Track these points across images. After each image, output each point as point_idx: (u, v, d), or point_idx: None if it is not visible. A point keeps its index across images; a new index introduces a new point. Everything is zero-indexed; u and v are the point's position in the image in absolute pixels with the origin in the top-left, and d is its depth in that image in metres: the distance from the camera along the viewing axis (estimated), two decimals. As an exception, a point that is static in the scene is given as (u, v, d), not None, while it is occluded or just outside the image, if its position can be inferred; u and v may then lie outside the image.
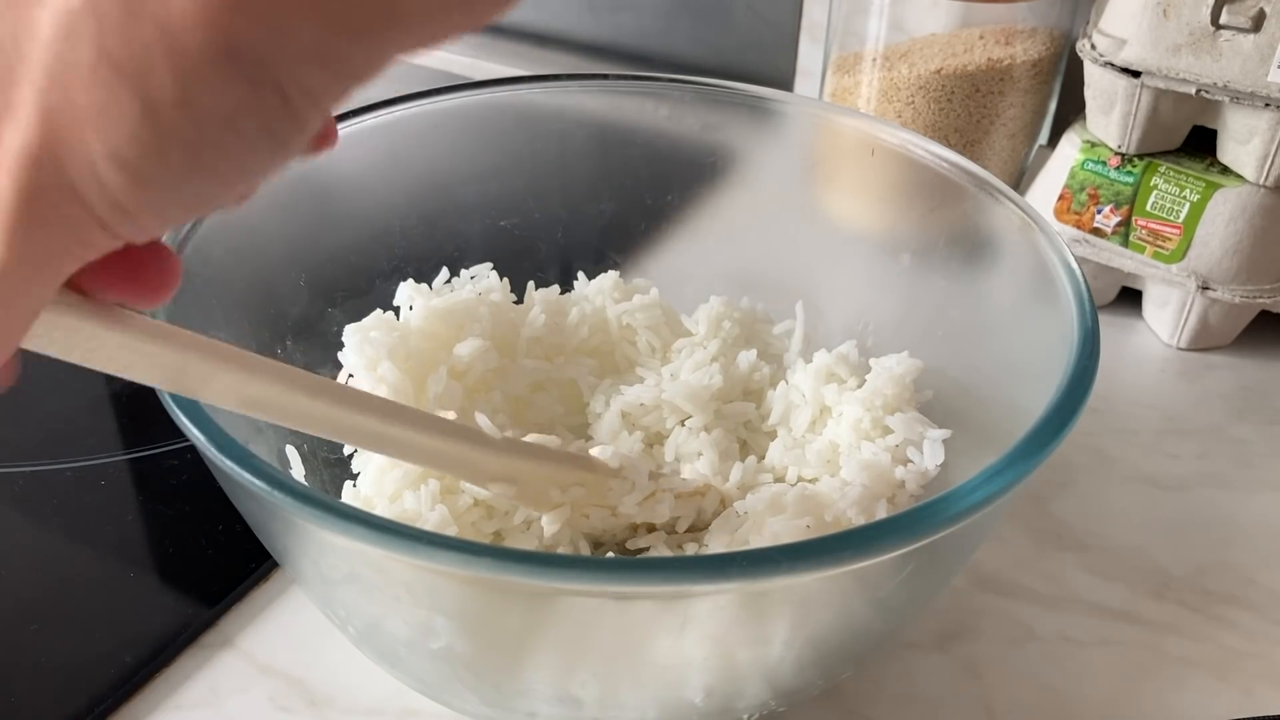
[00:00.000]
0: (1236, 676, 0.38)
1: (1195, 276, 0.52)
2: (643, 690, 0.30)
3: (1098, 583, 0.41)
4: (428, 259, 0.44)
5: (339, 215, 0.44)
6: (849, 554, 0.25)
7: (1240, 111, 0.49)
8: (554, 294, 0.43)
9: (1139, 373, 0.53)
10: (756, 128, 0.46)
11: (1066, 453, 0.44)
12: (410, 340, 0.39)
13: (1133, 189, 0.53)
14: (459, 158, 0.46)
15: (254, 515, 0.30)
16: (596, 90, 0.46)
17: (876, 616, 0.31)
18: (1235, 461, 0.48)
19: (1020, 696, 0.37)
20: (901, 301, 0.43)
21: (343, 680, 0.37)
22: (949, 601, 0.40)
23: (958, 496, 0.26)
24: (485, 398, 0.39)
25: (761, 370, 0.42)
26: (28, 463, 0.45)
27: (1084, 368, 0.30)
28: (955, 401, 0.38)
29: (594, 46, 0.83)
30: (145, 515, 0.43)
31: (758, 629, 0.28)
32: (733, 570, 0.24)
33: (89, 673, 0.36)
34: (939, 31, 0.56)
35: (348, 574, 0.29)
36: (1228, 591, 0.41)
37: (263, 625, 0.39)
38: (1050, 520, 0.44)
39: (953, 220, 0.41)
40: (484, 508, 0.36)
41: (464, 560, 0.24)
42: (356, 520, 0.25)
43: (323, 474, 0.38)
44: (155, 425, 0.46)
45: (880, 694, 0.37)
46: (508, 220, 0.47)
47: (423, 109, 0.44)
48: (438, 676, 0.32)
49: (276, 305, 0.40)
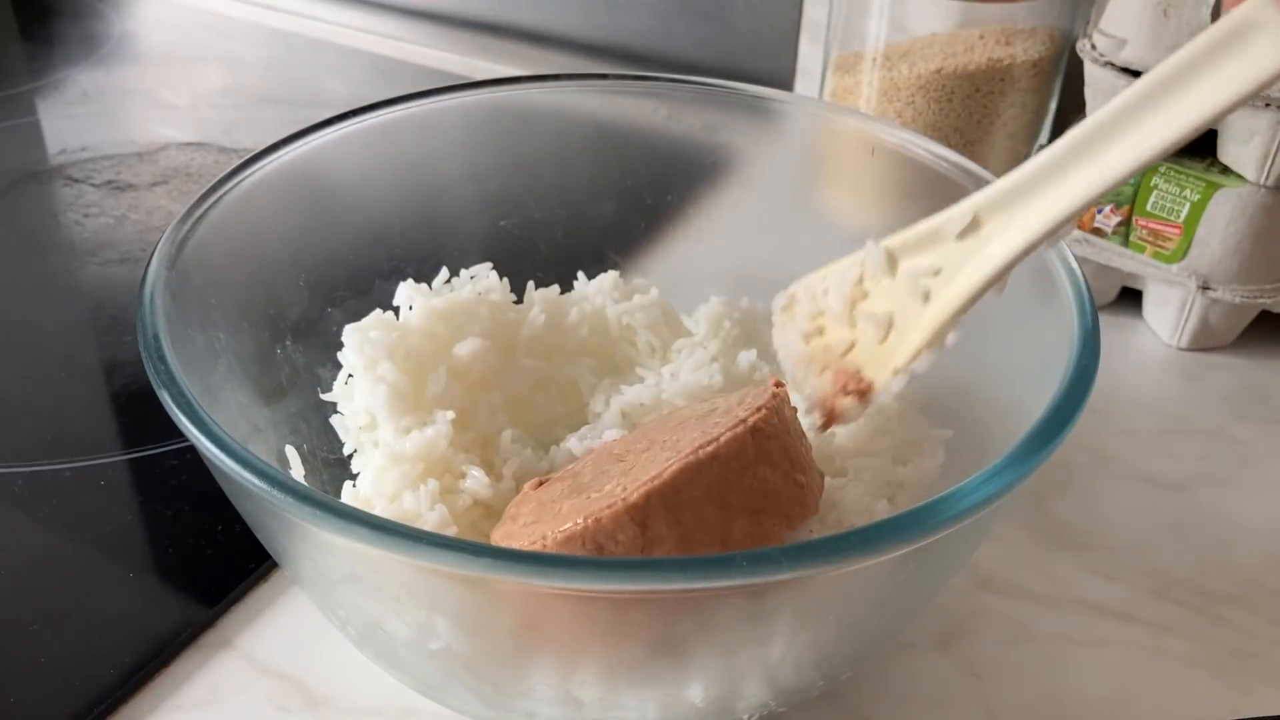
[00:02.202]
0: (1236, 676, 0.38)
1: (1195, 276, 0.52)
2: (643, 690, 0.30)
3: (1098, 583, 0.41)
4: (428, 259, 0.44)
5: (339, 215, 0.44)
6: (849, 554, 0.25)
7: (1240, 111, 0.49)
8: (554, 294, 0.43)
9: (1139, 373, 0.53)
10: (756, 128, 0.46)
11: (1066, 453, 0.44)
12: (410, 340, 0.39)
13: (1133, 189, 0.53)
14: (459, 158, 0.46)
15: (254, 515, 0.30)
16: (596, 90, 0.46)
17: (876, 617, 0.31)
18: (1235, 461, 0.48)
19: (1020, 696, 0.37)
20: (901, 301, 0.43)
21: (343, 680, 0.37)
22: (949, 601, 0.40)
23: (958, 496, 0.26)
24: (485, 398, 0.39)
25: (761, 370, 0.42)
26: (28, 463, 0.45)
27: (1084, 368, 0.30)
28: (955, 401, 0.38)
29: (594, 46, 0.83)
30: (145, 515, 0.43)
31: (758, 629, 0.28)
32: (733, 570, 0.24)
33: (89, 673, 0.36)
34: (939, 31, 0.56)
35: (347, 574, 0.29)
36: (1228, 591, 0.41)
37: (262, 625, 0.39)
38: (1050, 520, 0.44)
39: (953, 220, 0.41)
40: (484, 507, 0.36)
41: (464, 560, 0.24)
42: (356, 520, 0.25)
43: (323, 474, 0.38)
44: (155, 425, 0.46)
45: (880, 694, 0.37)
46: (508, 220, 0.47)
47: (423, 109, 0.44)
48: (437, 676, 0.32)
49: (276, 305, 0.40)
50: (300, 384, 0.40)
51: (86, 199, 0.66)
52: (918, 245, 0.33)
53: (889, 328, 0.33)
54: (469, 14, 0.87)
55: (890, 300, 0.33)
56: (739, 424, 0.30)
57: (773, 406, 0.31)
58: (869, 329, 0.34)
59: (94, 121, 0.76)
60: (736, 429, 0.30)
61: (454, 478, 0.36)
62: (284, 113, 0.78)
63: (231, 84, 0.82)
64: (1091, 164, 0.29)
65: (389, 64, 0.85)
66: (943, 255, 0.32)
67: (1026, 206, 0.31)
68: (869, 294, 0.34)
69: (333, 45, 0.88)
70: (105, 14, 0.93)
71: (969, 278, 0.32)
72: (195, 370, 0.32)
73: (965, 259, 0.32)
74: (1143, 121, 0.28)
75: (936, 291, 0.32)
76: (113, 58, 0.86)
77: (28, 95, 0.79)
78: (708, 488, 0.29)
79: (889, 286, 0.33)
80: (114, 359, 0.52)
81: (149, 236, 0.62)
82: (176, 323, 0.32)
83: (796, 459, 0.32)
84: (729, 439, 0.30)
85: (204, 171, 0.69)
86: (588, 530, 0.29)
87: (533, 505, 0.33)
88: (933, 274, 0.32)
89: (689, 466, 0.29)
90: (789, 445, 0.31)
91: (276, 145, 0.40)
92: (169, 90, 0.81)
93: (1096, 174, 0.29)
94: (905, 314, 0.33)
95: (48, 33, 0.91)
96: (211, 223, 0.36)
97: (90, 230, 0.63)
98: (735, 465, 0.30)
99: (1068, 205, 0.30)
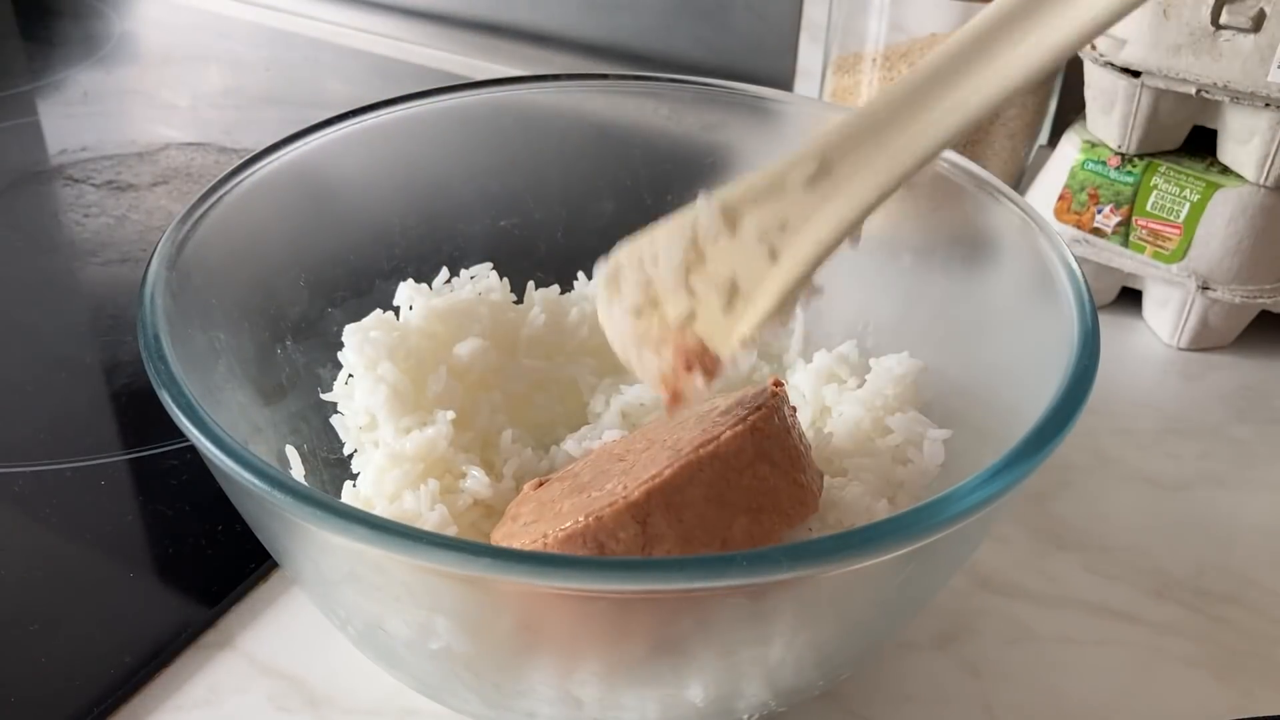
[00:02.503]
0: (1236, 676, 0.38)
1: (1195, 276, 0.52)
2: (643, 690, 0.30)
3: (1098, 583, 0.41)
4: (428, 259, 0.44)
5: (339, 215, 0.44)
6: (849, 554, 0.25)
7: (1240, 111, 0.49)
8: (554, 294, 0.43)
9: (1139, 373, 0.53)
10: (756, 128, 0.46)
11: (1066, 453, 0.44)
12: (410, 340, 0.39)
13: (1133, 189, 0.53)
14: (459, 158, 0.46)
15: (254, 515, 0.30)
16: (596, 90, 0.46)
17: (876, 616, 0.31)
18: (1235, 461, 0.48)
19: (1020, 696, 0.37)
20: (902, 301, 0.43)
21: (343, 680, 0.37)
22: (949, 601, 0.40)
23: (958, 496, 0.26)
24: (485, 398, 0.39)
25: (761, 370, 0.42)
26: (28, 463, 0.45)
27: (1084, 368, 0.30)
28: (955, 401, 0.38)
29: (594, 46, 0.83)
30: (145, 515, 0.43)
31: (758, 629, 0.28)
32: (733, 570, 0.24)
33: (89, 673, 0.36)
34: (939, 31, 0.56)
35: (348, 574, 0.29)
36: (1228, 591, 0.41)
37: (262, 625, 0.39)
38: (1050, 520, 0.44)
39: (953, 220, 0.41)
40: (484, 507, 0.36)
41: (464, 560, 0.24)
42: (356, 520, 0.25)
43: (323, 474, 0.38)
44: (155, 425, 0.46)
45: (880, 694, 0.37)
46: (508, 220, 0.47)
47: (423, 109, 0.44)
48: (437, 676, 0.32)
49: (276, 305, 0.40)
50: (300, 384, 0.40)
51: (87, 199, 0.66)
52: (759, 198, 0.29)
53: (733, 293, 0.29)
54: (469, 14, 0.87)
55: (731, 262, 0.29)
56: (739, 423, 0.30)
57: (773, 405, 0.31)
58: (710, 296, 0.30)
59: (94, 121, 0.76)
60: (737, 428, 0.30)
61: (454, 478, 0.36)
62: (284, 113, 0.78)
63: (231, 84, 0.82)
64: (951, 94, 0.26)
65: (389, 64, 0.85)
66: (788, 207, 0.28)
67: (880, 147, 0.27)
68: (706, 257, 0.30)
69: (333, 45, 0.88)
70: (105, 14, 0.93)
71: (819, 230, 0.28)
72: (195, 370, 0.32)
73: (814, 209, 0.28)
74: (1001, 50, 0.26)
75: (784, 248, 0.29)
76: (113, 58, 0.86)
77: (28, 95, 0.79)
78: (708, 486, 0.29)
79: (729, 247, 0.29)
80: (114, 359, 0.52)
81: (149, 236, 0.62)
82: (177, 323, 0.32)
83: (796, 458, 0.31)
84: (729, 438, 0.30)
85: (204, 171, 0.69)
86: (589, 528, 0.29)
87: (533, 505, 0.33)
88: (779, 229, 0.29)
89: (690, 465, 0.29)
90: (789, 444, 0.31)
91: (276, 145, 0.40)
92: (169, 90, 0.81)
93: (956, 107, 0.26)
94: (750, 276, 0.29)
95: (48, 33, 0.91)
96: (212, 223, 0.36)
97: (90, 230, 0.63)
98: (735, 464, 0.30)
99: (926, 144, 0.27)
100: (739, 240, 0.29)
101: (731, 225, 0.29)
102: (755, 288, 0.29)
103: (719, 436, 0.30)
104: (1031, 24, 0.25)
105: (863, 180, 0.28)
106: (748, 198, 0.29)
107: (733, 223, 0.29)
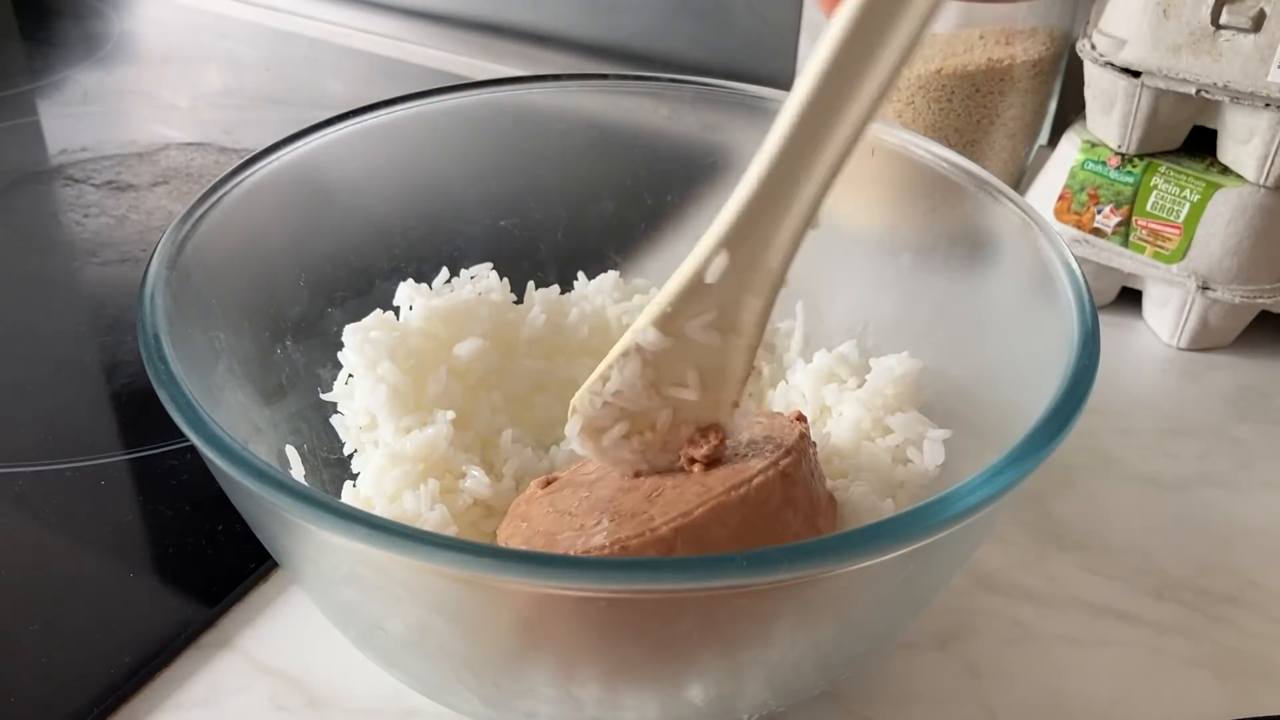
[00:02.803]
0: (1236, 676, 0.38)
1: (1195, 276, 0.52)
2: (643, 690, 0.30)
3: (1098, 583, 0.41)
4: (428, 259, 0.44)
5: (339, 215, 0.44)
6: (849, 554, 0.25)
7: (1240, 111, 0.49)
8: (554, 294, 0.43)
9: (1139, 373, 0.53)
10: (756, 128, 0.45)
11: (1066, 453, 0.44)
12: (410, 340, 0.39)
13: (1133, 189, 0.53)
14: (459, 158, 0.46)
15: (254, 515, 0.30)
16: (596, 90, 0.46)
17: (876, 617, 0.31)
18: (1235, 461, 0.48)
19: (1020, 696, 0.37)
20: (901, 301, 0.43)
21: (343, 680, 0.37)
22: (949, 601, 0.40)
23: (958, 496, 0.26)
24: (485, 398, 0.39)
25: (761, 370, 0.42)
26: (28, 463, 0.45)
27: (1084, 368, 0.30)
28: (955, 401, 0.38)
29: (594, 46, 0.83)
30: (145, 515, 0.43)
31: (757, 629, 0.28)
32: (732, 570, 0.24)
33: (89, 673, 0.36)
34: (939, 31, 0.56)
35: (347, 574, 0.29)
36: (1228, 591, 0.41)
37: (262, 625, 0.39)
38: (1050, 520, 0.44)
39: (953, 220, 0.41)
40: (484, 507, 0.36)
41: (464, 560, 0.24)
42: (356, 520, 0.25)
43: (323, 474, 0.38)
44: (155, 425, 0.46)
45: (880, 694, 0.37)
46: (508, 220, 0.47)
47: (423, 109, 0.44)
48: (437, 676, 0.32)
49: (276, 305, 0.40)
50: (300, 384, 0.40)
51: (87, 199, 0.66)
52: (685, 300, 0.30)
53: (702, 381, 0.32)
54: (469, 14, 0.87)
55: (687, 361, 0.31)
56: (770, 466, 0.30)
57: (801, 449, 0.32)
58: (683, 393, 0.32)
59: (94, 121, 0.76)
60: (768, 473, 0.30)
61: (454, 478, 0.36)
62: (284, 113, 0.78)
63: (231, 84, 0.82)
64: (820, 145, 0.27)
65: (389, 64, 0.85)
66: (714, 296, 0.30)
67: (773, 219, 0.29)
68: (661, 368, 0.31)
69: (333, 45, 0.88)
70: (105, 14, 0.93)
71: (753, 302, 0.30)
72: (195, 370, 0.32)
73: (739, 288, 0.30)
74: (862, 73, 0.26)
75: (728, 327, 0.31)
76: (113, 58, 0.86)
77: (28, 95, 0.79)
78: (734, 528, 0.30)
79: (678, 350, 0.31)
80: (114, 359, 0.52)
81: (149, 236, 0.62)
82: (177, 323, 0.32)
83: (816, 502, 0.32)
84: (760, 483, 0.30)
85: (204, 171, 0.69)
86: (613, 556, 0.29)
87: (545, 509, 0.33)
88: (717, 315, 0.30)
89: (719, 507, 0.29)
90: (812, 488, 0.32)
91: (276, 145, 0.40)
92: (169, 90, 0.81)
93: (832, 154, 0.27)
94: (710, 363, 0.31)
95: (48, 33, 0.91)
96: (212, 223, 0.36)
97: (90, 230, 0.63)
98: (763, 510, 0.30)
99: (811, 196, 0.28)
100: (685, 341, 0.31)
101: (672, 334, 0.31)
102: (720, 367, 0.31)
103: (750, 480, 0.30)
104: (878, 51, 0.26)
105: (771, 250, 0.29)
106: (676, 306, 0.31)
107: (672, 332, 0.31)
